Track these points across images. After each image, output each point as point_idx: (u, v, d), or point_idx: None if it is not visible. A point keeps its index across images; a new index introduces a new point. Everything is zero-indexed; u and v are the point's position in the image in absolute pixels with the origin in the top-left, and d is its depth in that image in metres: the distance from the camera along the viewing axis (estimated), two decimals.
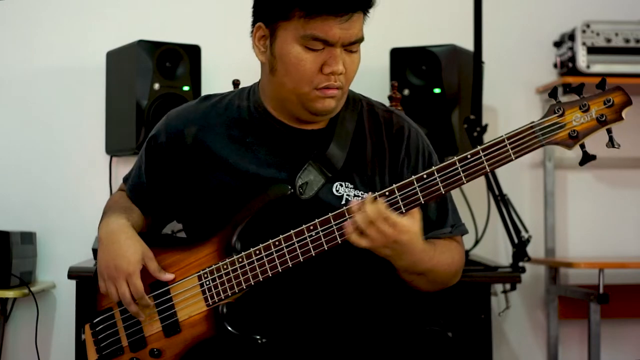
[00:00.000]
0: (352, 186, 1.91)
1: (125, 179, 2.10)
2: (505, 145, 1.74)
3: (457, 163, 1.76)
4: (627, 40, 3.42)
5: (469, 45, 3.26)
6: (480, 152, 1.75)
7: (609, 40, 3.42)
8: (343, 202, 1.89)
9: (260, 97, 1.97)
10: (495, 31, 3.45)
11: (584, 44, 3.40)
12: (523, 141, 1.74)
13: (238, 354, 1.85)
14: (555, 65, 3.55)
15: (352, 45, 1.85)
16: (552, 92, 1.75)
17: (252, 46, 1.94)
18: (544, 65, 3.61)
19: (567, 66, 3.45)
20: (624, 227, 3.65)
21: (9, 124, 3.47)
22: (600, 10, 3.58)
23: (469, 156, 1.76)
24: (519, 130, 1.75)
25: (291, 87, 1.86)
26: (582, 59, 3.39)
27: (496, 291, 3.35)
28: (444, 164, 1.77)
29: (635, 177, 3.68)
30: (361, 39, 1.87)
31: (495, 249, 3.48)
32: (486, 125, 3.17)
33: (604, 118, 1.72)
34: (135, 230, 1.93)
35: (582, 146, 1.75)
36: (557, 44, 3.57)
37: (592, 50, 3.40)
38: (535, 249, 3.46)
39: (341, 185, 1.91)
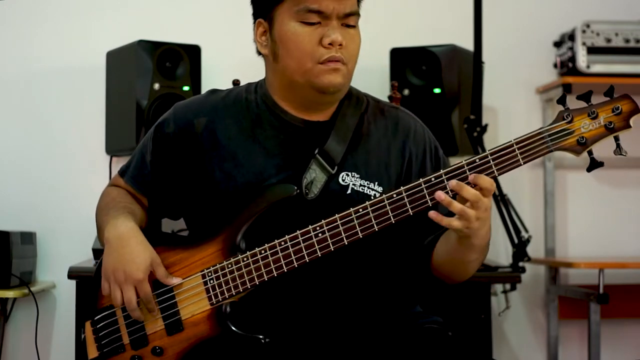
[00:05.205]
0: (357, 176, 1.92)
1: (122, 172, 2.06)
2: (514, 150, 1.74)
3: (466, 166, 1.76)
4: (627, 40, 3.42)
5: (469, 45, 3.26)
6: (489, 156, 1.75)
7: (609, 40, 3.42)
8: (349, 191, 1.90)
9: (267, 90, 1.98)
10: (495, 31, 3.45)
11: (584, 44, 3.40)
12: (532, 146, 1.74)
13: (241, 353, 1.84)
14: (555, 65, 3.56)
15: (348, 18, 1.87)
16: (561, 99, 1.75)
17: (255, 46, 1.97)
18: (544, 65, 3.61)
19: (567, 66, 3.45)
20: (624, 227, 3.65)
21: (9, 124, 3.47)
22: (600, 10, 3.58)
23: (477, 160, 1.76)
24: (528, 135, 1.75)
25: (295, 66, 1.88)
26: (582, 59, 3.39)
27: (496, 291, 3.35)
28: (453, 167, 1.77)
29: (635, 177, 3.68)
30: (356, 12, 1.89)
31: (495, 249, 3.48)
32: (486, 125, 3.18)
33: (612, 125, 1.73)
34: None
35: (590, 153, 1.76)
36: (557, 44, 3.57)
37: (592, 50, 3.41)
38: (535, 249, 3.46)
39: (347, 175, 1.92)
